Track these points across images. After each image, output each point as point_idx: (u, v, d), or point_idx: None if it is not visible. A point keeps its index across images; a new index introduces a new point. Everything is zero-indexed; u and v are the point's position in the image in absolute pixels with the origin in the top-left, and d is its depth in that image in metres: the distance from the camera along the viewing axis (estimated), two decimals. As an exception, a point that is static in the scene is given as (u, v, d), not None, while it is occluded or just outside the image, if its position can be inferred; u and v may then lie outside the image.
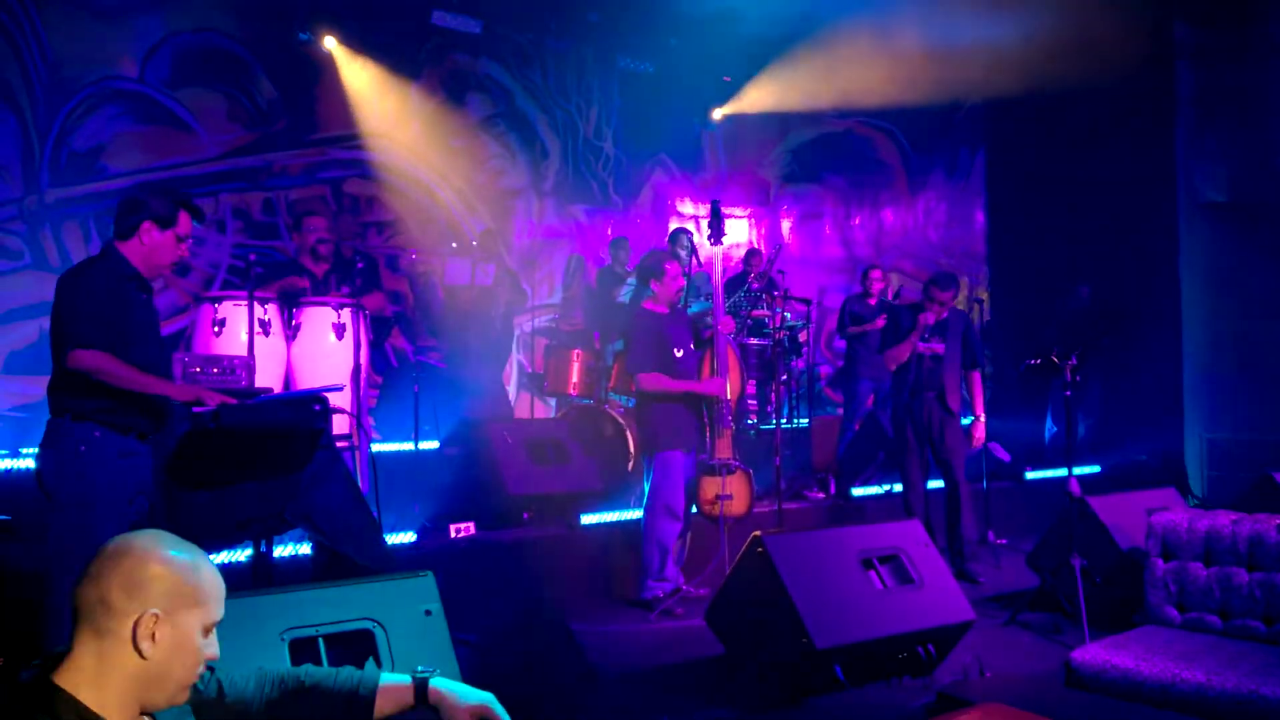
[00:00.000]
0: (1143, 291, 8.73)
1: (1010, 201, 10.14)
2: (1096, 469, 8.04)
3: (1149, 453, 8.64)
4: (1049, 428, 8.82)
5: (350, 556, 3.13)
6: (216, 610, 1.70)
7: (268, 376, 5.04)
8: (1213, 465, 8.57)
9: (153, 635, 1.59)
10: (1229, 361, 8.64)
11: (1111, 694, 3.52)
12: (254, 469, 2.99)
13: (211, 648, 1.69)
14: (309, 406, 3.03)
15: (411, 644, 2.73)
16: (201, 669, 1.68)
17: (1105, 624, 4.51)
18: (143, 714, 1.64)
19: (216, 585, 1.71)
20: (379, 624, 2.71)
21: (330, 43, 7.72)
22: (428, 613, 2.78)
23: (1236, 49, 8.35)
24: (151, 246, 3.39)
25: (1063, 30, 8.90)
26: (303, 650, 2.63)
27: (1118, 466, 8.31)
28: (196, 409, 3.06)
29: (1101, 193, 9.10)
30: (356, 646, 2.68)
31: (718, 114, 9.84)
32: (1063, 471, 5.28)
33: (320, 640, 2.64)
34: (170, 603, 1.62)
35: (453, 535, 5.06)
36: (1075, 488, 4.57)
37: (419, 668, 1.97)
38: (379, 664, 2.64)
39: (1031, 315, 9.14)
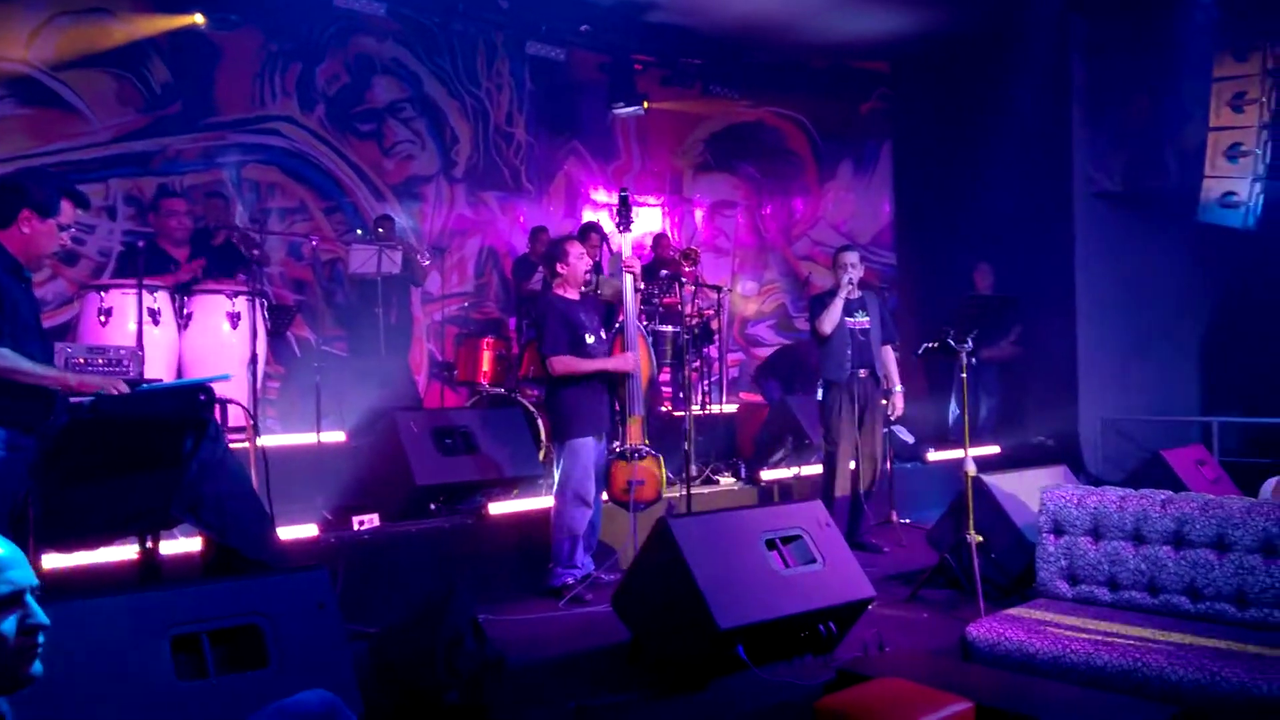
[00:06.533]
0: (1040, 277, 8.98)
1: (915, 192, 10.33)
2: (996, 450, 8.26)
3: (1047, 434, 8.92)
4: (953, 410, 9.04)
5: (239, 551, 3.03)
6: None
7: (158, 367, 4.87)
8: (1107, 445, 8.88)
9: None
10: (1122, 346, 8.95)
11: (1006, 666, 3.62)
12: (135, 461, 2.87)
13: (28, 618, 1.57)
14: (194, 397, 2.92)
15: (301, 640, 2.66)
16: (27, 645, 1.57)
17: (1002, 599, 4.65)
18: None
19: None
20: (268, 619, 2.64)
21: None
22: (320, 606, 2.71)
23: (1128, 42, 8.63)
24: (31, 236, 3.24)
25: (964, 23, 9.12)
26: (186, 648, 2.55)
27: (1017, 447, 8.56)
28: (74, 399, 2.93)
29: (1001, 182, 9.33)
30: (243, 643, 2.60)
31: (645, 105, 9.77)
32: (959, 452, 5.45)
33: (204, 637, 2.56)
34: None
35: (356, 528, 4.95)
36: (971, 466, 4.69)
37: None
38: (266, 660, 2.57)
39: (935, 302, 9.34)
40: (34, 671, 1.57)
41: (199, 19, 7.30)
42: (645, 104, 9.65)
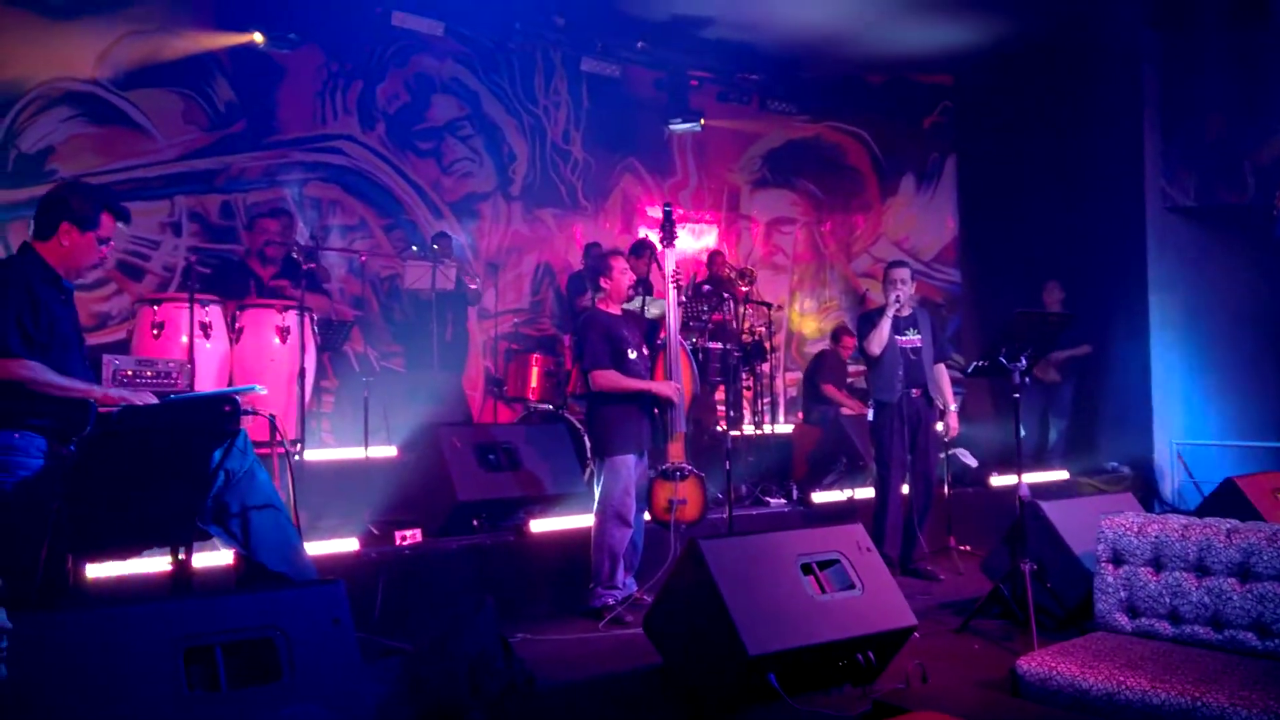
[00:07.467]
0: (1112, 296, 8.69)
1: (981, 207, 10.10)
2: (1064, 475, 7.97)
3: (1119, 459, 8.60)
4: (1021, 432, 8.75)
5: (264, 565, 3.02)
6: None
7: (208, 380, 4.94)
8: (1183, 472, 8.53)
9: None
10: (1199, 367, 8.60)
11: (1056, 703, 3.44)
12: (161, 472, 2.89)
13: None
14: (219, 408, 2.93)
15: (316, 653, 2.63)
16: None
17: (1059, 630, 4.45)
18: None
19: None
20: (282, 633, 2.61)
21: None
22: (335, 621, 2.67)
23: (1203, 54, 8.33)
24: (70, 248, 3.31)
25: (1032, 35, 8.89)
26: (200, 660, 2.53)
27: (1088, 473, 8.25)
28: (102, 409, 2.96)
29: (1071, 197, 9.08)
30: (257, 656, 2.58)
31: (702, 121, 9.71)
32: (1030, 477, 5.26)
33: (218, 649, 2.54)
34: None
35: (398, 543, 4.94)
36: (1025, 491, 4.50)
37: None
38: (279, 674, 2.54)
39: (1001, 322, 9.09)
40: None
41: (258, 38, 7.45)
42: (701, 120, 9.60)
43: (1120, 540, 3.93)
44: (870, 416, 6.00)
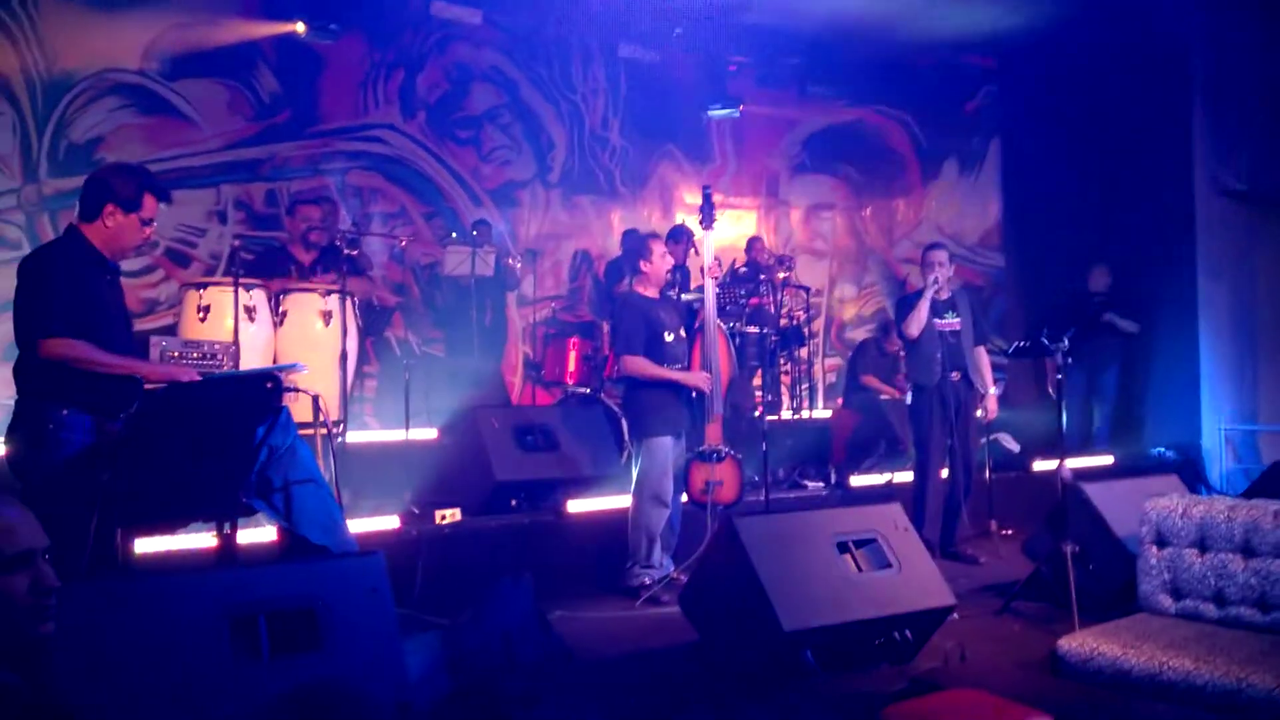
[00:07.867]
0: (1160, 280, 8.53)
1: (1025, 190, 9.95)
2: (1109, 460, 7.85)
3: (1166, 444, 8.46)
4: (1065, 417, 8.63)
5: (308, 540, 3.08)
6: None
7: (253, 362, 5.02)
8: (1232, 457, 8.37)
9: None
10: (1249, 352, 8.43)
11: (1097, 683, 3.42)
12: (206, 447, 2.96)
13: (41, 579, 1.63)
14: (261, 385, 2.98)
15: (355, 624, 2.68)
16: (38, 606, 1.62)
17: (1102, 613, 4.39)
18: None
19: None
20: (322, 603, 2.66)
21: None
22: (373, 590, 2.72)
23: (1253, 31, 8.13)
24: (115, 229, 3.38)
25: (1077, 15, 8.73)
26: (243, 629, 2.59)
27: (1135, 458, 8.12)
28: (148, 386, 3.03)
29: (1118, 180, 8.92)
30: (297, 626, 2.63)
31: (740, 107, 9.64)
32: (1074, 462, 5.23)
33: (261, 619, 2.60)
34: None
35: (438, 522, 5.01)
36: (1066, 473, 4.45)
37: None
38: (319, 644, 2.60)
39: (1047, 306, 8.98)
40: (46, 632, 1.61)
41: (299, 28, 7.55)
42: (740, 106, 9.54)
43: (1164, 522, 3.87)
44: (909, 400, 5.96)
